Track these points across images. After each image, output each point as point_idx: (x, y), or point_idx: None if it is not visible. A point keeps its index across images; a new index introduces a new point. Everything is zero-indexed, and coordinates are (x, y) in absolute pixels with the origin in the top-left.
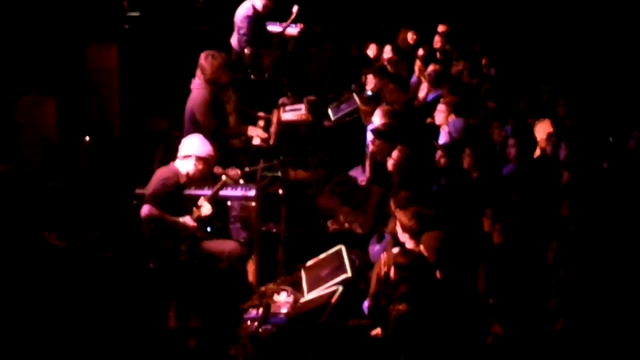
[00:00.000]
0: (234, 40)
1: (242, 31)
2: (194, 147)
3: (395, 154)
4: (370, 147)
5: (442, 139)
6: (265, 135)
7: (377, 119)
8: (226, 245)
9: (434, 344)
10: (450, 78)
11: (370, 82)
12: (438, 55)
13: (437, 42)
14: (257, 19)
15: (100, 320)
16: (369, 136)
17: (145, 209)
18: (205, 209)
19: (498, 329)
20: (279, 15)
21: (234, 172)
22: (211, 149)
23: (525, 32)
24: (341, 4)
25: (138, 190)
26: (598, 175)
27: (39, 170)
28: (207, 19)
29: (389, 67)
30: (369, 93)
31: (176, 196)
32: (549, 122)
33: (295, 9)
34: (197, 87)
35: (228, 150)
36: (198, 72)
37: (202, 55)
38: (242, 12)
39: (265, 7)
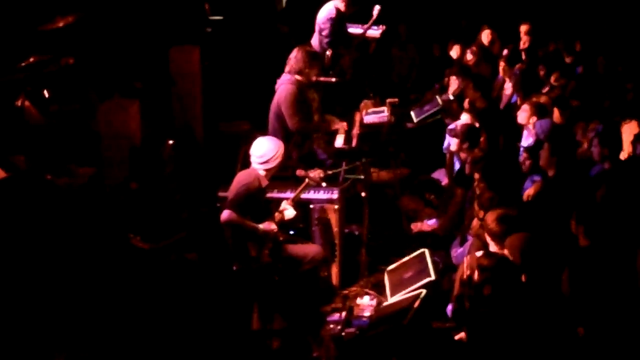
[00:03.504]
0: (314, 42)
1: (324, 32)
2: (263, 148)
3: (472, 156)
4: (453, 148)
5: (526, 139)
6: (346, 128)
7: (464, 120)
8: (309, 249)
9: (517, 346)
10: (532, 78)
11: (453, 83)
12: (523, 55)
13: (524, 41)
14: (339, 20)
15: (184, 322)
16: (449, 137)
17: (225, 214)
18: (289, 212)
19: (582, 331)
20: (360, 17)
21: (316, 172)
22: (280, 143)
23: (608, 29)
24: (424, 4)
25: (221, 193)
26: None
27: (123, 173)
28: (288, 21)
29: (472, 68)
30: (451, 96)
31: (258, 200)
32: (635, 123)
33: (376, 10)
34: (284, 82)
35: (311, 149)
36: (287, 67)
37: (295, 48)
38: (324, 14)
39: (347, 6)
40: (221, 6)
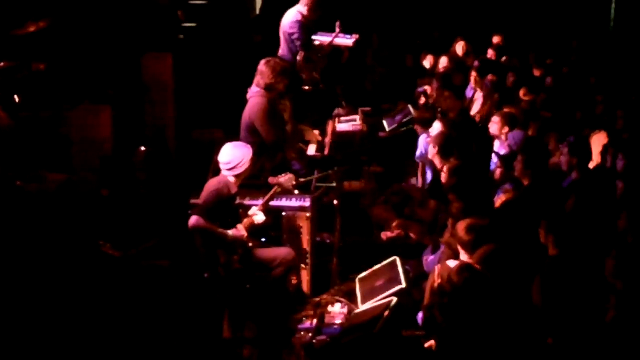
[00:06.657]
0: (282, 52)
1: (294, 36)
2: (230, 155)
3: (447, 166)
4: (430, 156)
5: (498, 149)
6: (319, 138)
7: (437, 129)
8: (279, 252)
9: (487, 355)
10: (503, 89)
11: (427, 91)
12: (494, 66)
13: (491, 54)
14: (306, 24)
15: (155, 330)
16: (421, 146)
17: (193, 220)
18: (259, 217)
19: (551, 341)
20: (329, 26)
21: (286, 177)
22: (246, 149)
23: (580, 42)
24: (397, 15)
25: (193, 200)
26: None
27: (94, 180)
28: (261, 29)
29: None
30: (425, 103)
31: (228, 206)
32: (604, 134)
33: (337, 24)
34: (255, 95)
35: (284, 159)
36: (255, 80)
37: (262, 61)
38: (289, 18)
39: (310, 11)
40: (194, 13)
